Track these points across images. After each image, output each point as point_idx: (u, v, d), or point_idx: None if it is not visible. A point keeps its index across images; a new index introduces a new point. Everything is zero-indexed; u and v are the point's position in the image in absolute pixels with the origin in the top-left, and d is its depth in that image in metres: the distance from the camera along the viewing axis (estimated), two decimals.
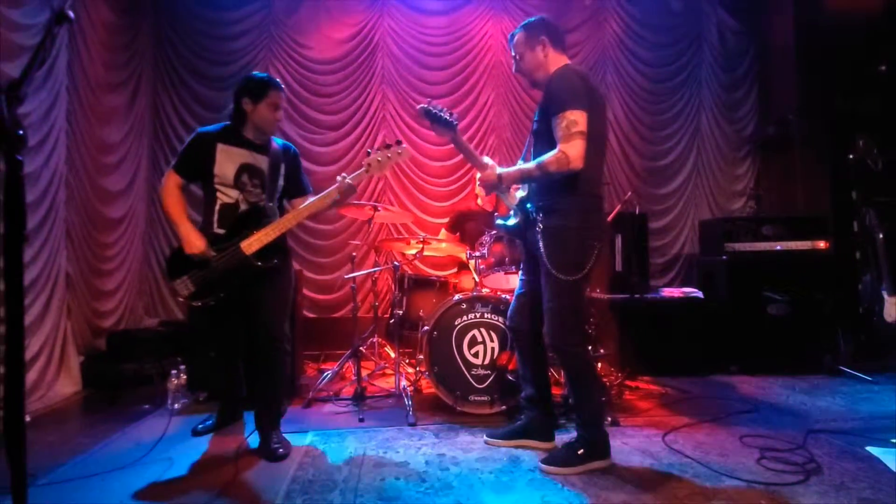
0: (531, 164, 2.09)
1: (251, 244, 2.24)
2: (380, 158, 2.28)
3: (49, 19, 1.03)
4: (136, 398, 3.19)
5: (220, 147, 2.32)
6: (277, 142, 2.47)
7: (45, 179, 3.19)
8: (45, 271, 3.18)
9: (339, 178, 2.29)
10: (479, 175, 2.27)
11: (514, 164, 2.27)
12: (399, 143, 2.35)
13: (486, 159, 2.29)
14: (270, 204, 2.38)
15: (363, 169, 2.29)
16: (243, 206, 2.33)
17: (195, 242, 2.23)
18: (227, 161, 2.32)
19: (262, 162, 2.38)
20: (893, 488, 1.88)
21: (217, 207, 2.32)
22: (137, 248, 4.32)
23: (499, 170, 2.19)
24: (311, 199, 2.37)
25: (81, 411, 3.09)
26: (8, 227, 0.90)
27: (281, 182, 2.43)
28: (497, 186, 2.21)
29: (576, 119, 2.00)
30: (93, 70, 3.74)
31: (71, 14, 1.02)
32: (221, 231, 2.30)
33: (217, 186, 2.32)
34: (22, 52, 2.93)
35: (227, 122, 2.39)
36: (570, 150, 1.99)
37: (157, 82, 4.59)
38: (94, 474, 2.07)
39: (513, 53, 2.31)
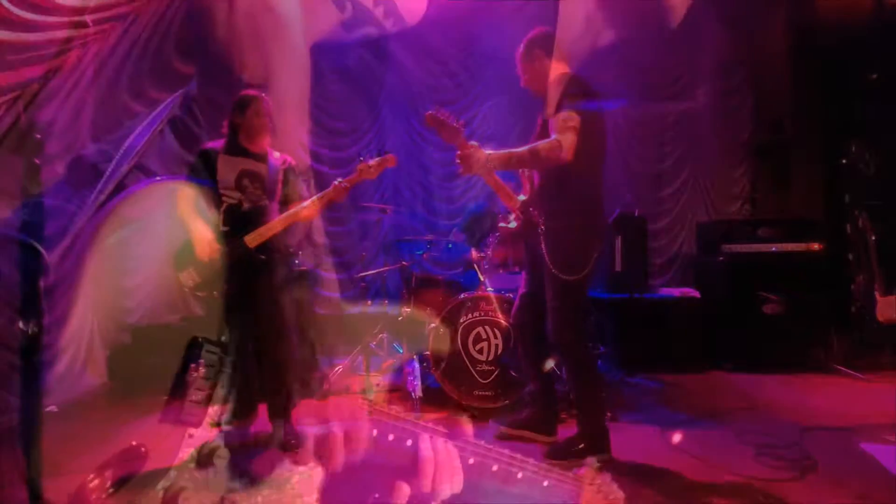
0: (522, 148, 2.01)
1: (254, 238, 2.31)
2: (370, 164, 2.42)
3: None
4: (157, 390, 3.17)
5: (221, 157, 2.42)
6: (275, 154, 2.56)
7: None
8: (72, 269, 3.17)
9: (335, 182, 2.39)
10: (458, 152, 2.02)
11: (517, 174, 2.22)
12: (387, 153, 2.48)
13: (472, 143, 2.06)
14: (272, 204, 2.44)
15: (356, 174, 2.42)
16: (246, 206, 2.40)
17: (203, 234, 2.28)
18: (228, 168, 2.40)
19: (262, 168, 2.46)
20: (888, 485, 1.82)
21: (222, 209, 2.39)
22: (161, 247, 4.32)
23: (487, 150, 2.03)
24: (310, 199, 2.45)
25: (106, 402, 3.09)
26: (25, 228, 0.88)
27: (280, 187, 2.50)
28: (483, 165, 2.02)
29: (572, 115, 1.98)
30: (118, 78, 3.74)
31: (88, 20, 1.00)
32: (226, 228, 2.37)
33: (221, 191, 2.40)
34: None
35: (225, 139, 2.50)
36: (564, 141, 1.95)
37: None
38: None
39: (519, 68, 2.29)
